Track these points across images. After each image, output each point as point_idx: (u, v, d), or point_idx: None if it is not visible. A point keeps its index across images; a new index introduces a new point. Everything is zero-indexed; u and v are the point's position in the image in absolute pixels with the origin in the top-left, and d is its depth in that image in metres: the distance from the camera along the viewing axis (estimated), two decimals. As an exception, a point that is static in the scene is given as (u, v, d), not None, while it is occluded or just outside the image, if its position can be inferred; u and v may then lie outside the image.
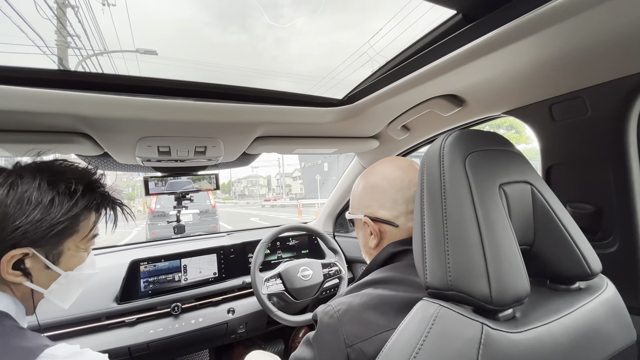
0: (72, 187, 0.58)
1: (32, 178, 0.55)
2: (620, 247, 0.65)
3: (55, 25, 8.20)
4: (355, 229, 0.73)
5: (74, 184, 0.58)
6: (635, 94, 0.59)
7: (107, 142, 0.84)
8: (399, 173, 0.64)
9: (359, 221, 0.69)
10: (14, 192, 0.53)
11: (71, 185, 0.58)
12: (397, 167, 0.65)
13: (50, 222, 0.55)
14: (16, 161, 0.60)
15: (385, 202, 0.63)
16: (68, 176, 0.59)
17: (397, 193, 0.62)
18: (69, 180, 0.58)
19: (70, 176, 0.59)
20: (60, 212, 0.55)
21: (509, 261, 0.39)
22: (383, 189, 0.64)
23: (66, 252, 0.60)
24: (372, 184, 0.66)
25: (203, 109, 0.73)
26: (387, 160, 0.69)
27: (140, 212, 22.02)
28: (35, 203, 0.53)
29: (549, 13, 0.44)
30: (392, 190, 0.63)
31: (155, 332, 1.15)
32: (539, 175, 0.50)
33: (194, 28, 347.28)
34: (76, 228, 0.59)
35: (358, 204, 0.69)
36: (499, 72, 0.63)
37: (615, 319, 0.45)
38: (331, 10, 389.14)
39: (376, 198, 0.65)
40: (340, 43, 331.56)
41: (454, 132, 0.48)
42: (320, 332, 0.53)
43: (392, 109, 0.89)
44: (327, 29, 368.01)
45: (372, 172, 0.68)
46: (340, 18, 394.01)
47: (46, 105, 0.61)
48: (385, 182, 0.64)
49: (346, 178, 1.54)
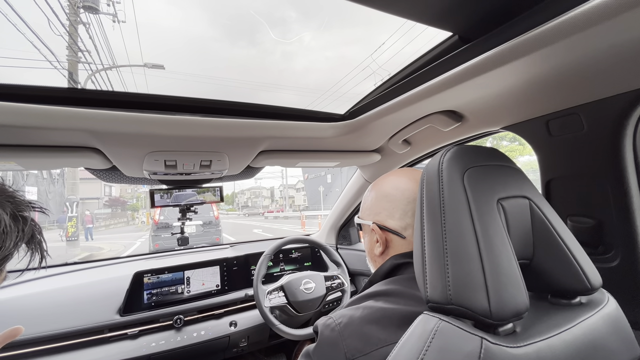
0: (23, 209, 0.49)
1: None
2: (622, 262, 0.65)
3: (66, 41, 8.47)
4: (362, 233, 0.74)
5: (25, 206, 0.49)
6: (630, 110, 0.60)
7: (116, 156, 0.86)
8: (411, 185, 0.64)
9: (367, 227, 0.69)
10: None
11: (20, 208, 0.48)
12: (411, 179, 0.66)
13: (3, 252, 0.44)
14: None
15: (395, 212, 0.64)
16: (19, 199, 0.50)
17: (407, 205, 0.63)
18: (22, 204, 0.49)
19: (12, 195, 0.49)
20: (12, 241, 0.45)
21: (508, 275, 0.40)
22: (394, 199, 0.64)
23: None
24: (385, 192, 0.67)
25: (209, 124, 0.76)
26: (401, 171, 0.70)
27: (144, 223, 22.08)
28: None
29: (542, 35, 0.46)
30: (403, 201, 0.63)
31: (157, 345, 1.14)
32: (537, 190, 0.51)
33: (203, 43, 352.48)
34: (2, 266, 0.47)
35: (368, 209, 0.69)
36: (496, 90, 0.64)
37: (617, 334, 0.45)
38: (339, 26, 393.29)
39: (386, 207, 0.65)
40: (346, 57, 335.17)
41: (452, 147, 0.49)
42: (320, 345, 0.54)
43: (392, 124, 0.91)
44: (334, 44, 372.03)
45: (386, 181, 0.69)
46: (347, 33, 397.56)
47: (59, 122, 0.64)
48: (398, 192, 0.65)
49: (348, 191, 1.55)
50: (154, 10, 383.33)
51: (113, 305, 1.16)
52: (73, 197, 9.13)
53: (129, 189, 37.32)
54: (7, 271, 0.51)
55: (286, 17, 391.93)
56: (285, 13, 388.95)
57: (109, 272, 1.31)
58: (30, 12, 7.18)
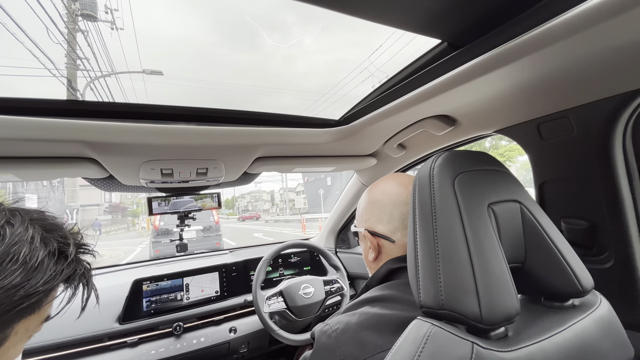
0: (66, 249, 0.45)
1: (24, 228, 0.42)
2: (616, 263, 0.65)
3: (65, 49, 8.51)
4: (359, 241, 0.75)
5: (70, 246, 0.46)
6: (618, 113, 0.61)
7: (112, 165, 0.87)
8: (397, 189, 0.65)
9: (361, 234, 0.71)
10: (1, 241, 0.39)
11: (64, 247, 0.45)
12: (397, 183, 0.67)
13: (27, 290, 0.40)
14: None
15: (383, 217, 0.65)
16: (62, 234, 0.46)
17: (393, 208, 0.64)
18: (64, 239, 0.46)
19: (64, 235, 0.46)
20: (43, 279, 0.41)
21: (498, 280, 0.40)
22: (381, 204, 0.66)
23: (11, 337, 0.42)
24: (373, 198, 0.68)
25: (204, 132, 0.76)
26: (390, 176, 0.71)
27: (145, 229, 22.05)
28: (21, 262, 0.39)
29: (528, 42, 0.46)
30: (389, 204, 0.64)
31: (157, 353, 1.14)
32: (529, 194, 0.51)
33: (203, 48, 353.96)
34: (42, 304, 0.44)
35: (360, 217, 0.71)
36: (487, 94, 0.65)
37: (609, 336, 0.45)
38: (340, 29, 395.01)
39: (374, 212, 0.66)
40: (346, 60, 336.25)
41: (443, 152, 0.50)
42: (317, 352, 0.54)
43: (387, 128, 0.92)
44: (334, 47, 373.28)
45: (375, 187, 0.70)
46: (347, 36, 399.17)
47: (54, 134, 0.65)
48: (384, 196, 0.66)
49: (346, 195, 1.56)
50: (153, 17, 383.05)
51: (112, 313, 1.16)
52: (73, 204, 9.13)
53: (129, 195, 37.29)
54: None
55: (286, 21, 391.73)
56: (286, 17, 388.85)
57: (108, 280, 1.31)
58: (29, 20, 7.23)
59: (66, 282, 0.46)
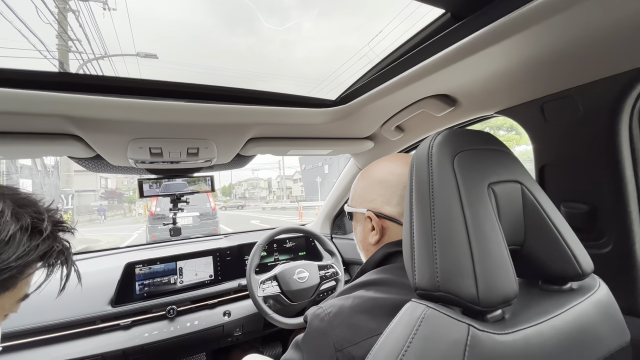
0: (40, 224, 0.44)
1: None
2: (615, 247, 0.64)
3: (56, 30, 8.26)
4: (354, 223, 0.71)
5: (44, 222, 0.45)
6: (626, 92, 0.58)
7: (98, 144, 0.84)
8: (405, 170, 0.62)
9: (359, 215, 0.67)
10: None
11: (38, 223, 0.44)
12: (406, 164, 0.63)
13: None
14: None
15: (392, 198, 0.61)
16: (36, 209, 0.45)
17: (404, 190, 0.60)
18: (38, 215, 0.45)
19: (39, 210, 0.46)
20: (15, 254, 0.41)
21: (497, 261, 0.39)
22: (390, 185, 0.62)
23: None
24: (379, 178, 0.64)
25: (193, 110, 0.73)
26: (395, 156, 0.67)
27: (141, 215, 22.07)
28: None
29: (535, 10, 0.43)
30: (400, 186, 0.61)
31: (150, 335, 1.14)
32: (530, 175, 0.49)
33: (200, 31, 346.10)
34: (16, 281, 0.44)
35: (361, 197, 0.66)
36: (489, 71, 0.62)
37: (607, 320, 0.45)
38: (339, 14, 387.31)
39: (382, 193, 0.62)
40: (345, 47, 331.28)
41: (443, 131, 0.48)
42: (309, 335, 0.53)
43: (385, 109, 0.89)
44: (333, 34, 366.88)
45: (378, 167, 0.66)
46: (347, 21, 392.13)
47: (34, 107, 0.61)
48: (394, 177, 0.62)
49: (342, 180, 1.54)
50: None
51: (105, 296, 1.15)
52: (68, 190, 9.07)
53: (125, 181, 37.15)
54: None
55: (284, 3, 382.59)
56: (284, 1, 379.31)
57: (100, 263, 1.30)
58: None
59: (42, 259, 0.45)
